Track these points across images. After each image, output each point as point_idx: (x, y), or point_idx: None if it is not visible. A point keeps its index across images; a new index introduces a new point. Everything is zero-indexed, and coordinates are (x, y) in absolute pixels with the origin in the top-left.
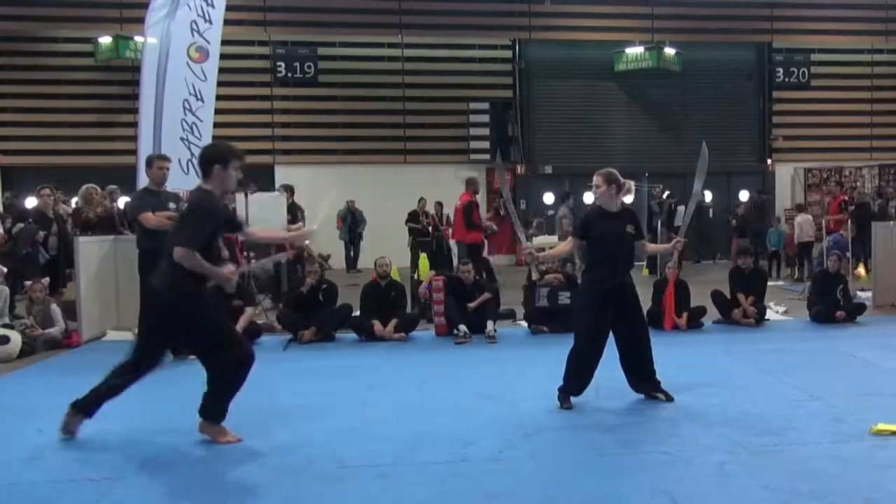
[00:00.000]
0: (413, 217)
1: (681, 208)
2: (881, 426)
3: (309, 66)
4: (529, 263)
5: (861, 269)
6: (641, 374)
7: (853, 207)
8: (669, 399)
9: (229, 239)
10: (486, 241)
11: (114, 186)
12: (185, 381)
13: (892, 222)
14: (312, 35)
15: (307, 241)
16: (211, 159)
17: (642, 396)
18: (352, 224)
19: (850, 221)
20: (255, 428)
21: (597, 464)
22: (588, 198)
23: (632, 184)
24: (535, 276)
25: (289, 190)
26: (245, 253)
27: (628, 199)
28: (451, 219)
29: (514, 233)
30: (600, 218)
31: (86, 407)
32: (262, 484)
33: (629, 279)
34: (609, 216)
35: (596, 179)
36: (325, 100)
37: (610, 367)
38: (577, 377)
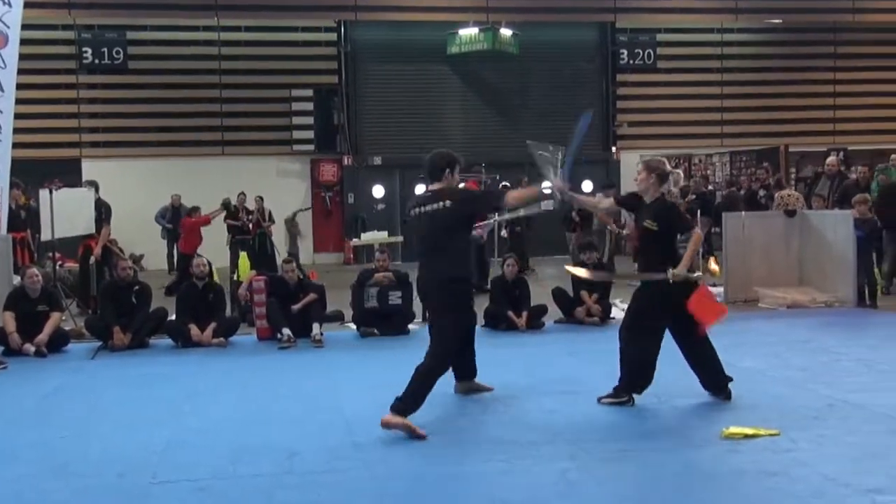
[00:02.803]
0: (232, 213)
1: None
2: (733, 429)
3: (118, 52)
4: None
5: (713, 264)
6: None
7: (693, 197)
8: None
9: (16, 237)
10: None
11: None
12: None
13: (742, 213)
14: (121, 18)
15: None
16: (441, 165)
17: (477, 404)
18: (175, 220)
19: (698, 213)
20: (63, 441)
21: (432, 474)
22: (419, 189)
23: (679, 173)
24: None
25: (93, 186)
26: (49, 253)
27: (674, 189)
28: (270, 214)
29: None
30: (639, 207)
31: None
32: (67, 503)
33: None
34: (643, 207)
35: (638, 166)
36: (136, 88)
37: (449, 374)
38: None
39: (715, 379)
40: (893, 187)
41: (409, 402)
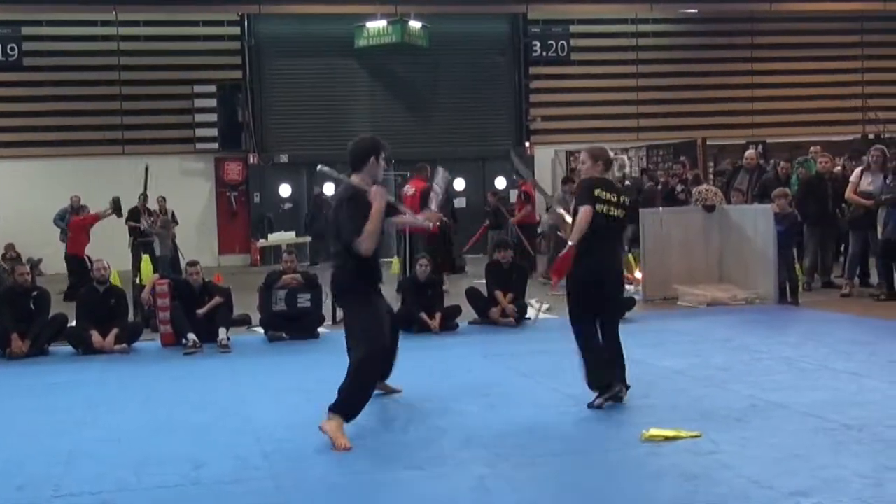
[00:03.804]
0: (134, 215)
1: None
2: (653, 431)
3: (12, 49)
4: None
5: (631, 261)
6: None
7: None
8: (626, 388)
9: None
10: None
11: None
12: None
13: (660, 208)
14: (14, 12)
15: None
16: (365, 152)
17: (391, 409)
18: None
19: None
20: None
21: (345, 483)
22: (328, 190)
23: (624, 158)
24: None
25: None
26: None
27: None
28: (174, 215)
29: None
30: None
31: None
32: None
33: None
34: None
35: (581, 156)
36: (32, 85)
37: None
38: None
39: (598, 378)
40: (813, 180)
41: (341, 403)
